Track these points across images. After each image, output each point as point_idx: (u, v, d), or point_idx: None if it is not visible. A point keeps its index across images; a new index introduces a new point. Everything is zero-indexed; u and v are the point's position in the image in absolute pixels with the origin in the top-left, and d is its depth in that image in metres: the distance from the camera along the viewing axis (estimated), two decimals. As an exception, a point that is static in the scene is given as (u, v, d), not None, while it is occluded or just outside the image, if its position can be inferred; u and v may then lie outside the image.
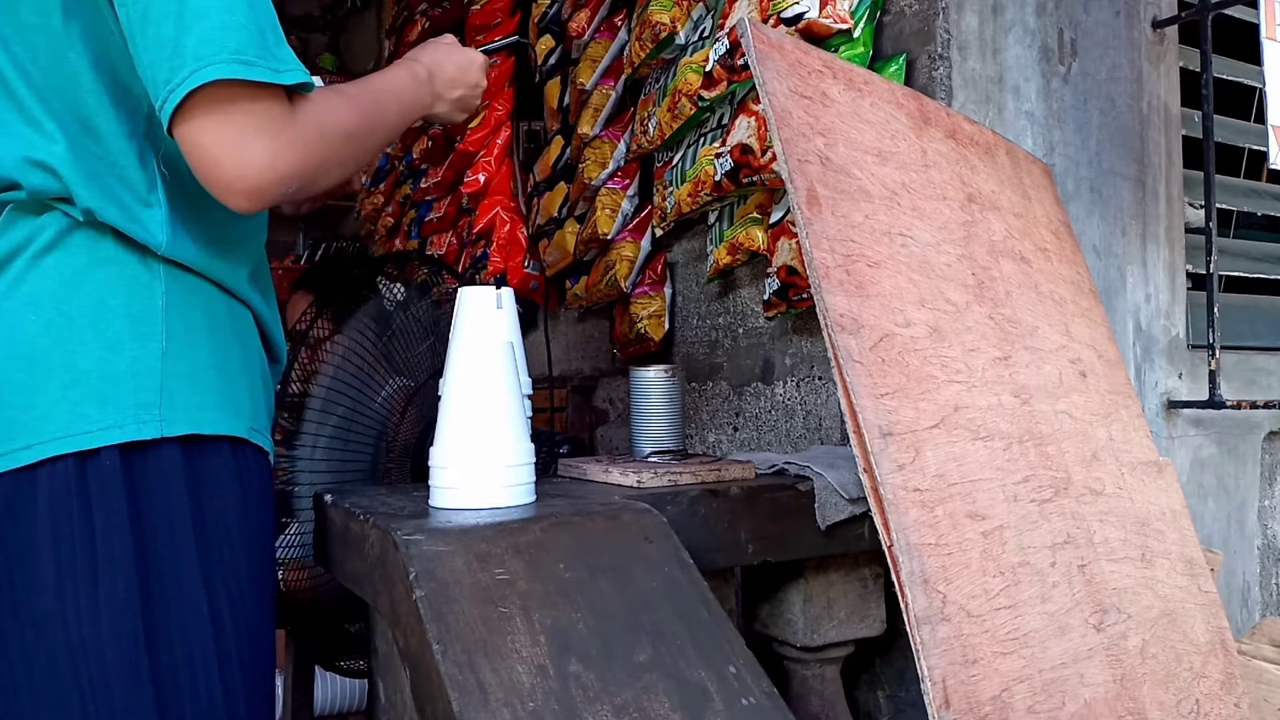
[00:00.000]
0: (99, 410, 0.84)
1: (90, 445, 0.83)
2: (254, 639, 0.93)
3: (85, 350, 0.85)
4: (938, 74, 1.54)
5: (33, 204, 0.87)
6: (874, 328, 1.01)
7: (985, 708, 0.89)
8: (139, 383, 0.86)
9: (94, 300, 0.86)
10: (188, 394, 0.88)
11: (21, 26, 0.85)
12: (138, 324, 0.87)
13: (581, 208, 2.50)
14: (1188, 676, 1.22)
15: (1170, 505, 1.39)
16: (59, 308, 0.86)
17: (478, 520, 0.96)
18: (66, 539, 0.82)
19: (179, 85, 0.79)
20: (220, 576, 0.89)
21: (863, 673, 1.63)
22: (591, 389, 2.62)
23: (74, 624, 0.82)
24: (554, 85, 2.68)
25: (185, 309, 0.90)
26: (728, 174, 1.70)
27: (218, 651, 0.87)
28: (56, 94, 0.86)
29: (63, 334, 0.85)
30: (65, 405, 0.84)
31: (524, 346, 1.28)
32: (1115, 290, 1.75)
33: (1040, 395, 1.21)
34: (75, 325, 0.85)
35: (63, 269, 0.87)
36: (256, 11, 0.83)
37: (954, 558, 0.94)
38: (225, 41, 0.80)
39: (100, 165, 0.86)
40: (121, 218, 0.87)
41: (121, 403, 0.85)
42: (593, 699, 0.78)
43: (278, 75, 0.82)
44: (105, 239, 0.87)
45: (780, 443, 1.84)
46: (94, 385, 0.85)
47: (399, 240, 3.73)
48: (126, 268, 0.88)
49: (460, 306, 1.09)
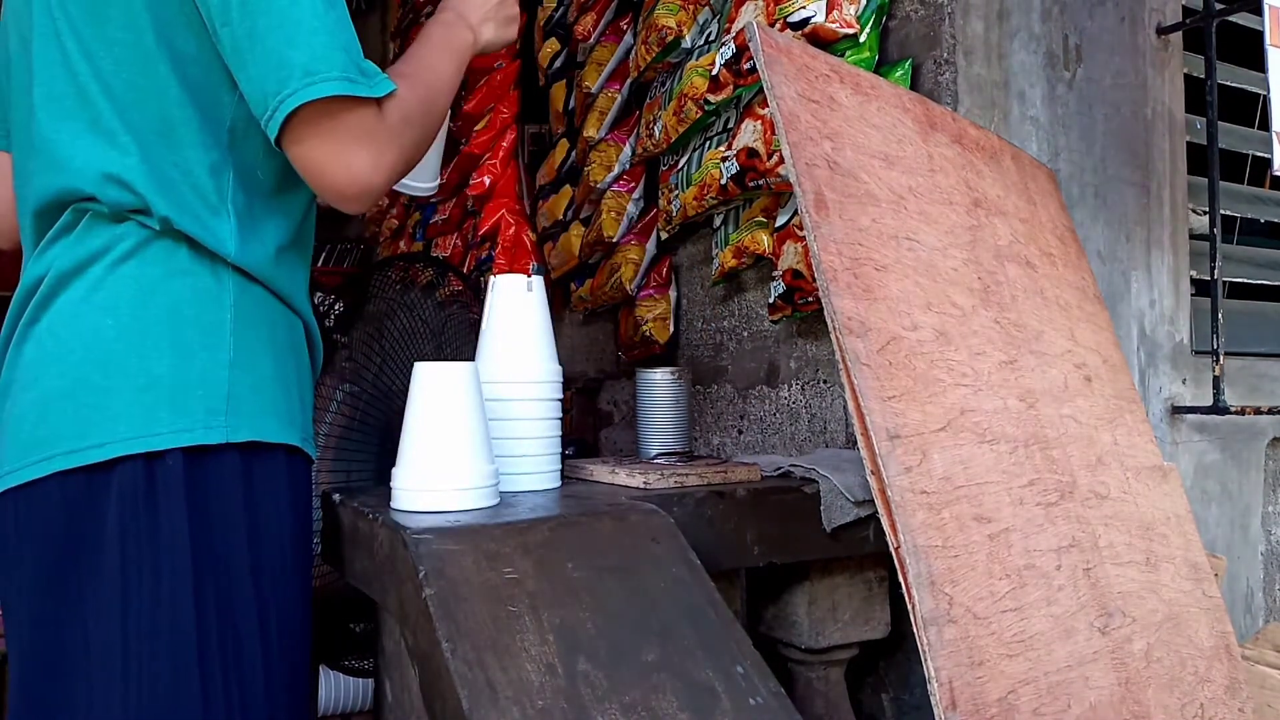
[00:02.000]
0: (170, 414, 0.88)
1: (160, 447, 0.87)
2: (298, 640, 0.96)
3: (159, 356, 0.89)
4: (943, 79, 1.55)
5: (111, 213, 0.91)
6: (881, 331, 1.01)
7: (991, 709, 0.90)
8: (208, 390, 0.90)
9: (169, 309, 0.90)
10: (251, 403, 0.92)
11: (109, 42, 0.90)
12: (208, 334, 0.91)
13: (587, 210, 2.51)
14: (1192, 681, 1.22)
15: (1174, 510, 1.39)
16: (135, 315, 0.89)
17: (487, 519, 0.97)
18: (133, 536, 0.86)
19: (289, 97, 0.85)
20: (270, 578, 0.92)
21: (867, 675, 1.63)
22: (596, 391, 2.62)
23: (133, 617, 0.85)
24: (559, 88, 2.69)
25: (251, 322, 0.94)
26: (733, 178, 1.70)
27: (264, 651, 0.91)
28: (138, 105, 0.90)
29: (138, 340, 0.89)
30: (138, 408, 0.87)
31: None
32: (1120, 295, 1.75)
33: (1046, 399, 1.22)
34: (151, 332, 0.89)
35: (140, 277, 0.90)
36: (351, 32, 0.90)
37: (960, 560, 0.95)
38: (333, 60, 0.87)
39: (175, 174, 0.91)
40: (195, 225, 0.91)
41: (191, 408, 0.89)
42: (601, 698, 0.78)
43: (373, 90, 0.90)
44: (180, 250, 0.91)
45: (785, 446, 1.84)
46: (166, 390, 0.88)
47: (404, 242, 3.73)
48: (199, 279, 0.92)
49: (493, 295, 1.15)
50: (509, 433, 1.16)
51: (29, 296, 0.93)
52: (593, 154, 2.40)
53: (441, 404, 1.03)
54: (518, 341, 1.19)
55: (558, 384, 1.22)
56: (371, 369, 1.44)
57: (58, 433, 0.87)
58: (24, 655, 0.90)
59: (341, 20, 0.89)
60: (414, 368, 1.05)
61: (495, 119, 2.96)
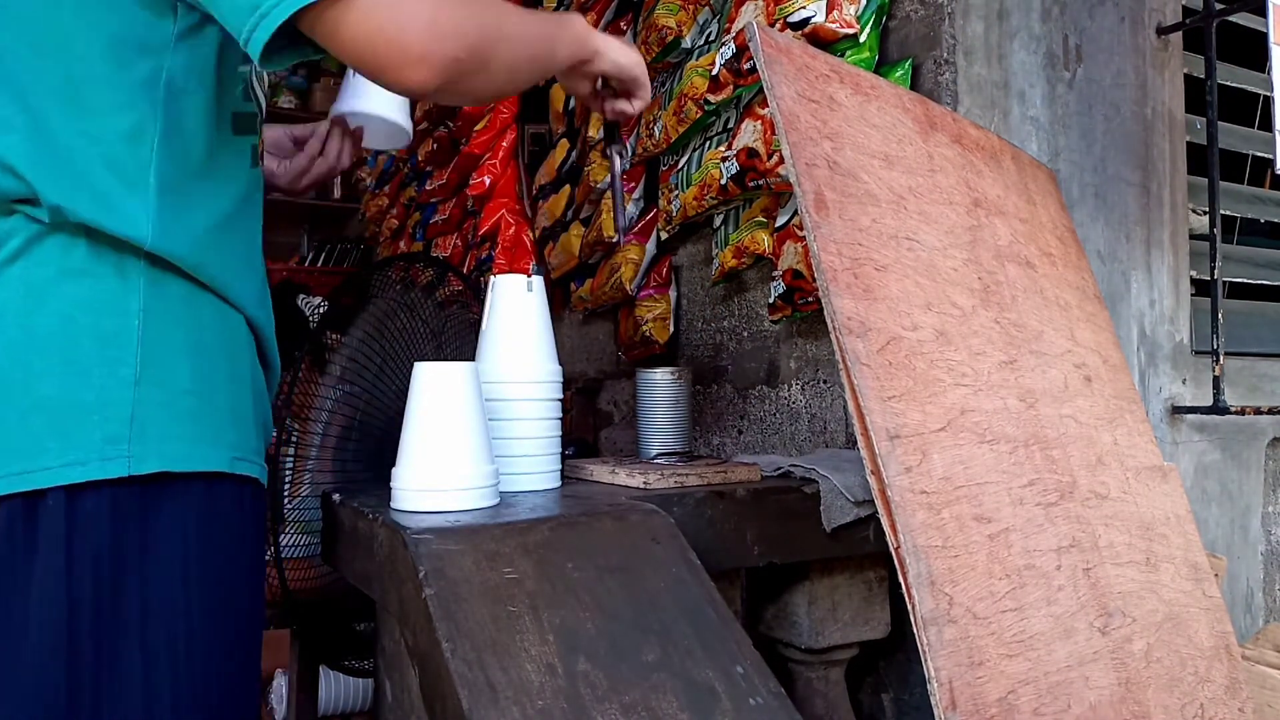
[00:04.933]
0: (60, 443, 0.76)
1: (40, 485, 0.75)
2: (209, 687, 0.84)
3: (47, 375, 0.77)
4: (943, 79, 1.55)
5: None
6: (881, 331, 1.01)
7: (991, 709, 0.90)
8: (106, 414, 0.78)
9: (60, 319, 0.78)
10: (162, 426, 0.80)
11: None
12: (108, 346, 0.79)
13: (586, 211, 2.51)
14: (1192, 681, 1.22)
15: (1174, 510, 1.39)
16: (22, 325, 0.77)
17: (487, 520, 0.97)
18: (5, 583, 0.76)
19: None
20: (165, 630, 0.80)
21: (867, 675, 1.63)
22: (596, 391, 2.62)
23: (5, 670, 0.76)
24: (559, 89, 2.69)
25: (164, 326, 0.82)
26: (733, 178, 1.70)
27: (147, 711, 0.79)
28: (33, 63, 0.76)
29: (24, 355, 0.77)
30: (22, 436, 0.76)
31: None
32: (1120, 295, 1.75)
33: (1046, 399, 1.22)
34: (38, 346, 0.77)
35: (29, 282, 0.78)
36: None
37: (960, 560, 0.95)
38: None
39: (79, 143, 0.77)
40: (96, 210, 0.77)
41: (85, 436, 0.77)
42: (601, 698, 0.78)
43: None
44: (77, 246, 0.79)
45: (785, 446, 1.84)
46: (54, 415, 0.76)
47: (404, 242, 3.74)
48: (99, 281, 0.79)
49: (493, 295, 1.15)
50: (509, 433, 1.16)
51: None
52: (593, 154, 2.40)
53: (442, 404, 1.03)
54: (518, 341, 1.19)
55: (558, 384, 1.22)
56: (371, 369, 1.44)
57: None
58: None
59: None
60: (414, 368, 1.05)
61: (495, 119, 2.96)
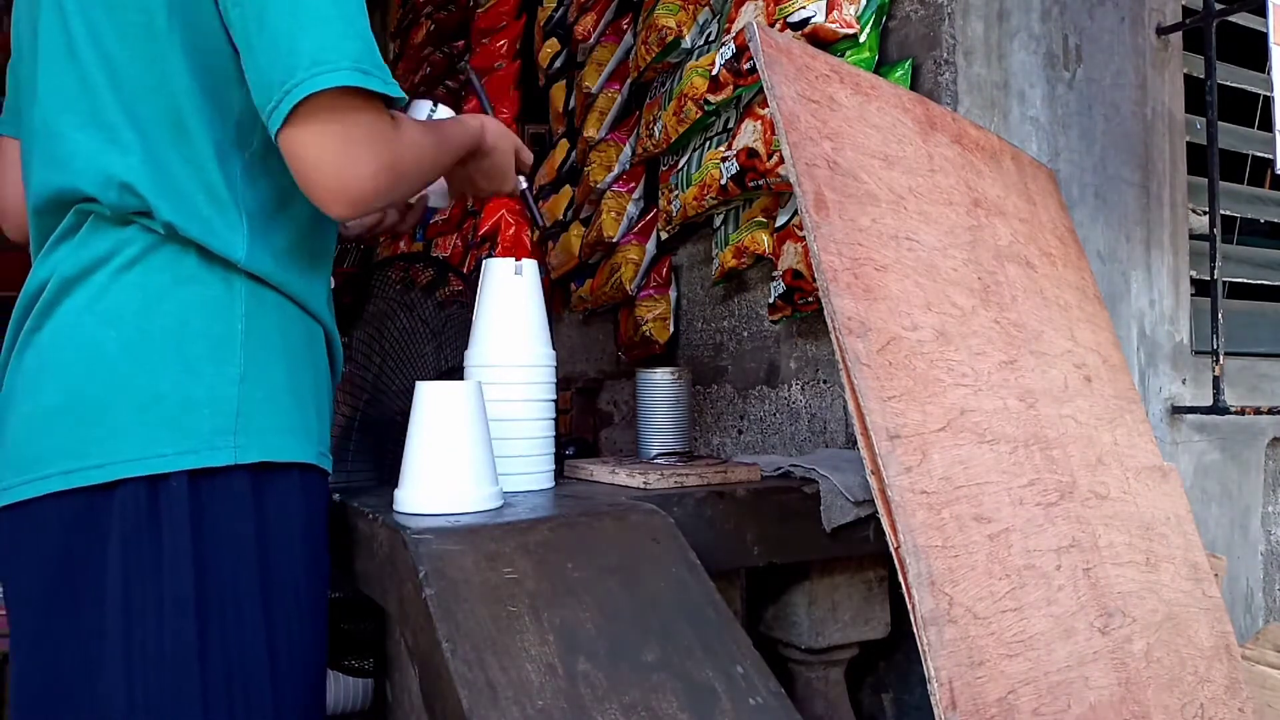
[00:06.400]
0: (174, 434, 0.84)
1: (163, 469, 0.83)
2: (311, 663, 0.93)
3: (164, 372, 0.84)
4: (943, 79, 1.55)
5: (114, 216, 0.86)
6: (881, 331, 1.01)
7: (991, 709, 0.90)
8: (215, 408, 0.86)
9: (175, 321, 0.86)
10: (263, 420, 0.88)
11: (123, 26, 0.85)
12: (217, 347, 0.87)
13: (587, 211, 2.51)
14: (1192, 680, 1.22)
15: (1174, 510, 1.39)
16: (139, 327, 0.85)
17: (487, 520, 0.97)
18: (135, 560, 0.83)
19: (297, 86, 0.79)
20: (280, 602, 0.89)
21: (867, 675, 1.63)
22: (596, 391, 2.62)
23: (136, 644, 0.82)
24: (559, 89, 2.69)
25: (264, 331, 0.90)
26: (733, 178, 1.70)
27: (272, 676, 0.88)
28: (147, 95, 0.85)
29: (142, 355, 0.84)
30: (141, 427, 0.83)
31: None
32: (1119, 296, 1.75)
33: (1046, 399, 1.22)
34: (155, 346, 0.85)
35: (146, 287, 0.86)
36: (366, 21, 0.84)
37: (960, 560, 0.95)
38: (346, 49, 0.80)
39: (185, 170, 0.86)
40: (200, 230, 0.86)
41: (197, 428, 0.84)
42: (601, 698, 0.78)
43: (387, 86, 0.83)
44: (189, 256, 0.87)
45: (785, 446, 1.84)
46: (170, 409, 0.84)
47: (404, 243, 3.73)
48: (208, 288, 0.87)
49: (483, 279, 1.15)
50: (501, 415, 1.14)
51: (33, 301, 0.89)
52: (593, 154, 2.40)
53: (444, 425, 1.02)
54: (508, 325, 1.17)
55: (551, 368, 1.21)
56: (372, 369, 1.44)
57: (54, 451, 0.83)
58: (23, 674, 0.87)
59: (358, 7, 0.83)
60: (416, 387, 1.04)
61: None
